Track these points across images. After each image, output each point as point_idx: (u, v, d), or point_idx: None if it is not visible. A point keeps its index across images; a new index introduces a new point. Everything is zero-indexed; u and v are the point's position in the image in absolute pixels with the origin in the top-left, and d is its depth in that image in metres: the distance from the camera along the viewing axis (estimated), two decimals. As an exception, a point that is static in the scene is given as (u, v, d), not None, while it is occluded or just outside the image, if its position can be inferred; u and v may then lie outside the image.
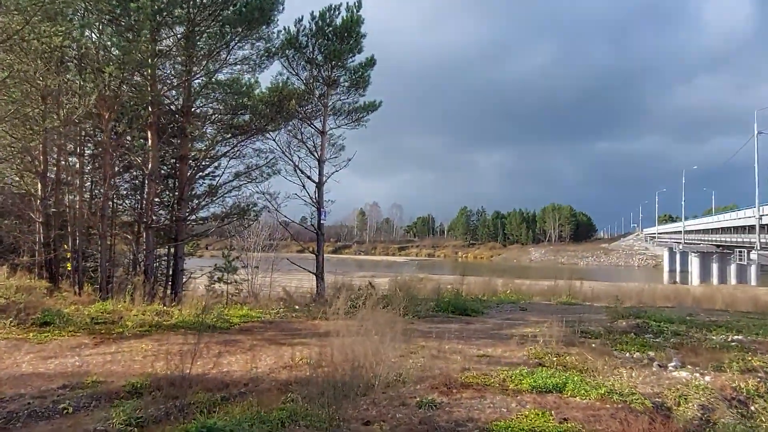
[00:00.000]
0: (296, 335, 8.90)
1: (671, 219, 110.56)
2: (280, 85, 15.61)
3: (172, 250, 15.54)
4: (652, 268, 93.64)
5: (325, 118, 16.63)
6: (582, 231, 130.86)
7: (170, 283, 15.37)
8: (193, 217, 16.32)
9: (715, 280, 56.16)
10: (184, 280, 15.96)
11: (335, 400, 4.84)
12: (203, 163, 16.38)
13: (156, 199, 15.37)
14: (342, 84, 16.91)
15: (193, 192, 16.32)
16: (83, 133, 14.98)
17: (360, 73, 16.75)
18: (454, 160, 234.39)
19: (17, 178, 15.73)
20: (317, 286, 15.94)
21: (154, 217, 15.03)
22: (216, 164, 16.82)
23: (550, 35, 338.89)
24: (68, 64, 13.41)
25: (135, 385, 5.36)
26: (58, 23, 11.11)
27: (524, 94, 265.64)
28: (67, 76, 13.74)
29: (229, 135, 16.07)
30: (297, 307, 12.95)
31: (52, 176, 15.08)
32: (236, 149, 16.40)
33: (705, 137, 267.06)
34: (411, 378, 5.74)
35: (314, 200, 16.39)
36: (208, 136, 16.70)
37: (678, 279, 62.93)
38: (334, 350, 7.20)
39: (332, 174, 16.74)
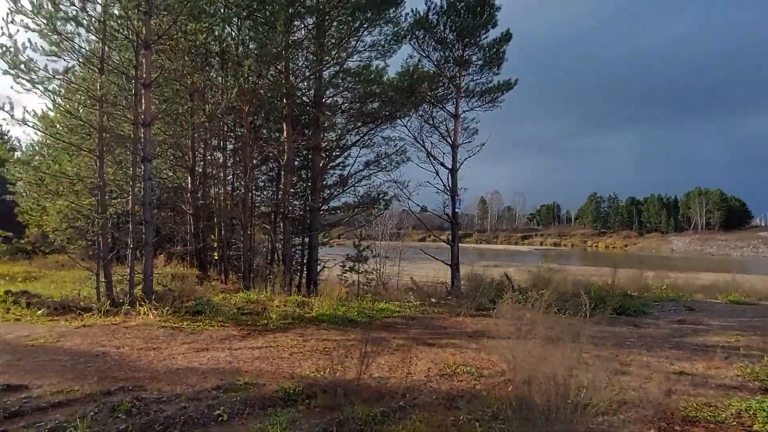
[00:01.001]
0: (443, 335, 8.13)
1: None
2: (411, 68, 14.93)
3: (306, 239, 15.73)
4: (827, 261, 79.20)
5: (458, 101, 15.64)
6: (734, 218, 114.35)
7: (306, 272, 15.57)
8: (325, 207, 16.37)
9: None
10: (318, 269, 16.11)
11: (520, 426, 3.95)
12: (334, 153, 16.35)
13: (291, 190, 15.62)
14: (474, 63, 15.78)
15: (325, 182, 16.36)
16: (225, 128, 15.67)
17: (494, 49, 15.48)
18: (579, 144, 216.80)
19: (171, 173, 16.95)
20: (452, 278, 15.10)
21: (289, 208, 15.28)
22: (346, 154, 16.76)
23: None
24: (211, 60, 13.97)
25: (287, 390, 4.94)
26: (201, 20, 11.46)
27: (660, 68, 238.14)
28: (211, 73, 14.39)
29: (360, 123, 15.81)
30: (434, 300, 12.26)
31: (200, 170, 16.00)
32: (366, 138, 16.15)
33: None
34: (605, 402, 4.57)
35: (447, 187, 15.53)
36: (339, 126, 16.64)
37: None
38: (496, 357, 6.31)
39: (465, 160, 15.73)
